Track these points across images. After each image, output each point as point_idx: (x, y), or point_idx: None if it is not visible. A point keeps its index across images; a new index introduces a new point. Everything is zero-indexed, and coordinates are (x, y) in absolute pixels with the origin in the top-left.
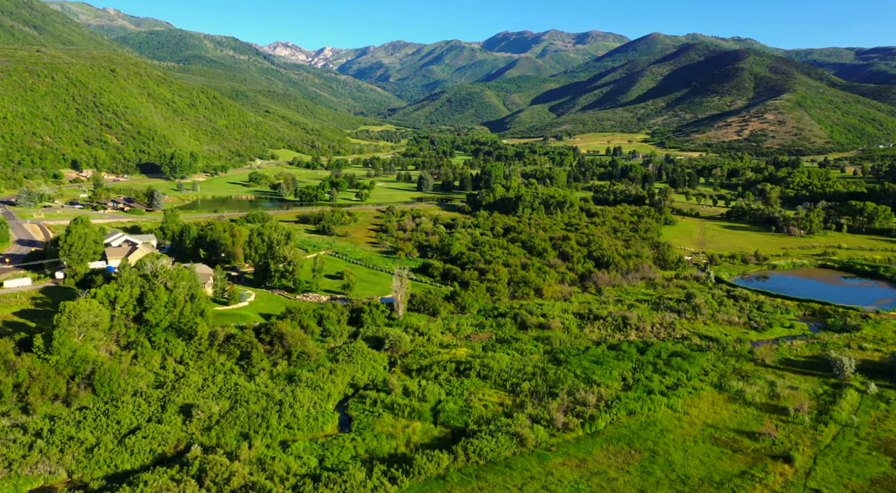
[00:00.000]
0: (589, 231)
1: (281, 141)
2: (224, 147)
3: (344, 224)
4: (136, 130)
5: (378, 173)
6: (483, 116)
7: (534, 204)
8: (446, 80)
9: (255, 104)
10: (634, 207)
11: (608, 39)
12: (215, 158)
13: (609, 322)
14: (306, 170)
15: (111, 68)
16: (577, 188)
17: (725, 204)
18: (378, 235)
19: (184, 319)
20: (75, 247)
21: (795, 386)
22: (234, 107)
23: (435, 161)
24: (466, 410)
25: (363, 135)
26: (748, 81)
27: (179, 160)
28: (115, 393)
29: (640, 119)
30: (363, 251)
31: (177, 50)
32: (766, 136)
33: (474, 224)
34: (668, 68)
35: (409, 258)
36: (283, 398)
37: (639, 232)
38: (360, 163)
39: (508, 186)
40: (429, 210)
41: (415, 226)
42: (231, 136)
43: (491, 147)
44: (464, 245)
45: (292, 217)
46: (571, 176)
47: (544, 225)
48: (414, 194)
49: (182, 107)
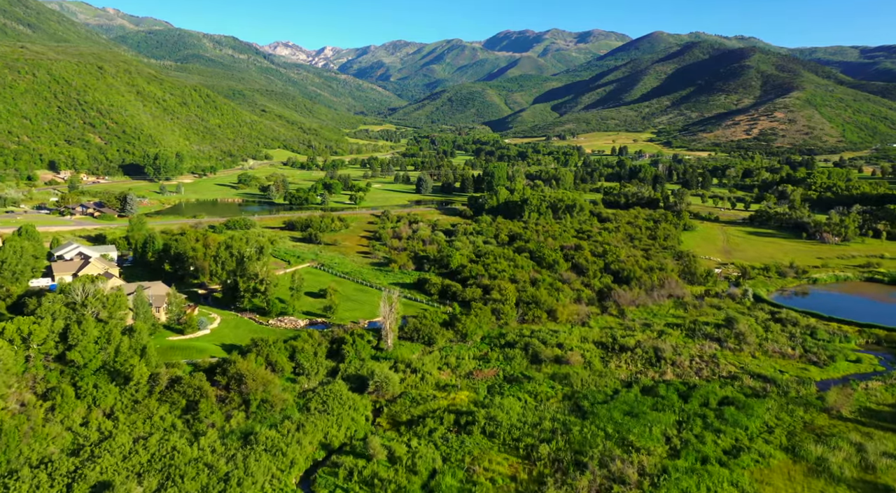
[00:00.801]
0: (603, 239)
1: (276, 141)
2: (215, 147)
3: (334, 231)
4: (122, 129)
5: (375, 174)
6: (484, 115)
7: (541, 208)
8: (447, 79)
9: (252, 103)
10: (649, 211)
11: (610, 38)
12: (205, 159)
13: (639, 355)
14: (301, 170)
15: (99, 65)
16: (585, 190)
17: (745, 207)
18: (371, 243)
19: (119, 358)
20: (8, 263)
21: (892, 452)
22: (228, 106)
23: (435, 161)
24: (468, 488)
25: (362, 134)
26: (755, 79)
27: (164, 161)
28: (13, 464)
29: (644, 118)
30: (352, 263)
31: (175, 49)
32: (777, 135)
33: (476, 231)
34: (671, 67)
35: (403, 271)
36: (230, 471)
37: (657, 239)
38: (358, 163)
39: (513, 189)
40: (427, 214)
41: (411, 233)
42: (224, 135)
43: (493, 147)
44: (465, 256)
45: (278, 223)
46: (578, 177)
47: (553, 231)
48: (412, 197)
49: (173, 105)
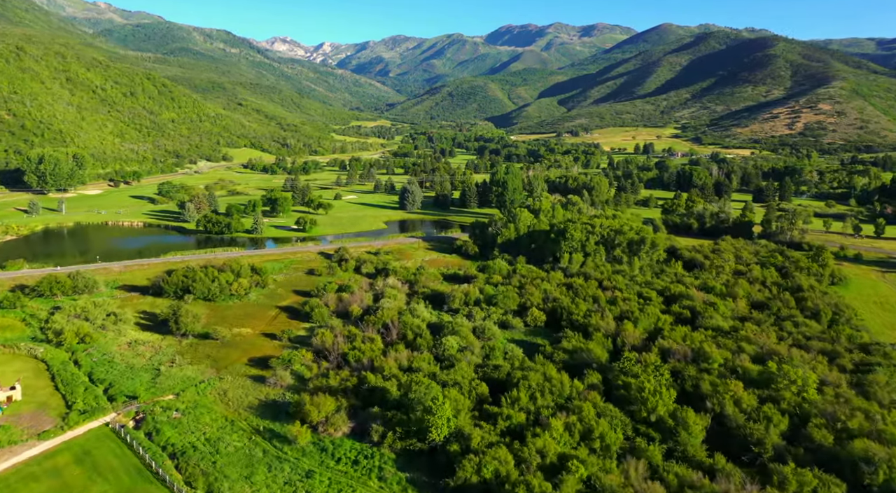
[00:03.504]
0: (721, 315)
1: (243, 138)
2: (159, 146)
3: (234, 297)
4: (21, 122)
5: (351, 181)
6: (487, 110)
7: (587, 245)
8: (448, 74)
9: (232, 96)
10: (750, 246)
11: (615, 32)
12: (134, 161)
13: None
14: (262, 174)
15: (18, 46)
16: (629, 203)
17: (877, 232)
18: (283, 337)
19: None
20: None
21: None
22: (188, 98)
23: (430, 163)
24: None
25: (351, 131)
26: (784, 69)
27: (52, 166)
28: None
29: (663, 112)
30: (212, 419)
31: (164, 42)
32: (825, 129)
33: (487, 298)
34: (686, 58)
35: (318, 441)
36: None
37: (804, 306)
38: (337, 165)
39: (537, 209)
40: (409, 251)
41: (372, 302)
42: (177, 132)
43: (498, 144)
44: (466, 414)
45: (151, 275)
46: (611, 183)
47: (621, 296)
48: (394, 215)
49: (115, 96)
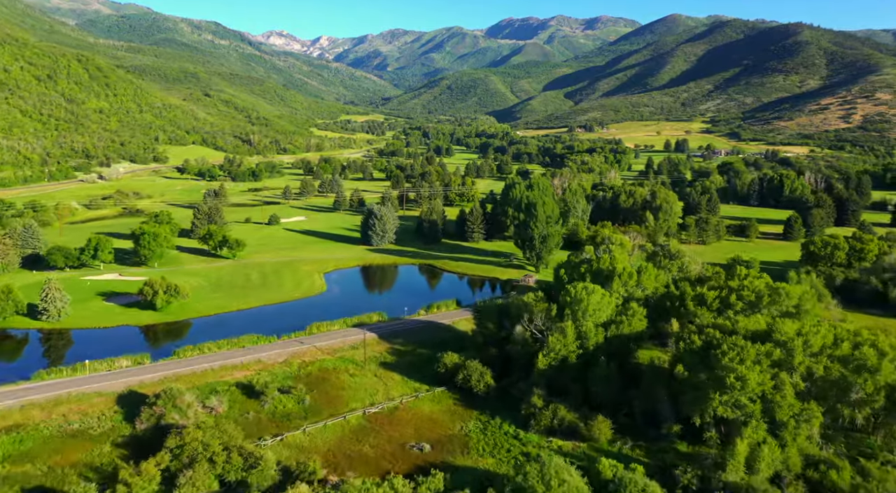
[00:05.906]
0: None
1: (194, 133)
2: (63, 144)
3: None
4: None
5: (307, 192)
6: (488, 104)
7: (776, 403)
8: (447, 68)
9: (205, 87)
10: None
11: (619, 24)
12: (8, 165)
13: None
14: (197, 181)
15: None
16: (719, 234)
17: None
18: None
19: None
20: None
21: None
22: (129, 84)
23: (420, 166)
24: None
25: (337, 126)
26: (818, 57)
27: None
28: None
29: (684, 104)
30: None
31: (149, 33)
32: (889, 122)
33: None
34: (702, 48)
35: None
36: None
37: None
38: (302, 168)
39: (610, 272)
40: (337, 381)
41: None
42: (101, 124)
43: (503, 141)
44: None
45: None
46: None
47: None
48: (347, 255)
49: (24, 79)
